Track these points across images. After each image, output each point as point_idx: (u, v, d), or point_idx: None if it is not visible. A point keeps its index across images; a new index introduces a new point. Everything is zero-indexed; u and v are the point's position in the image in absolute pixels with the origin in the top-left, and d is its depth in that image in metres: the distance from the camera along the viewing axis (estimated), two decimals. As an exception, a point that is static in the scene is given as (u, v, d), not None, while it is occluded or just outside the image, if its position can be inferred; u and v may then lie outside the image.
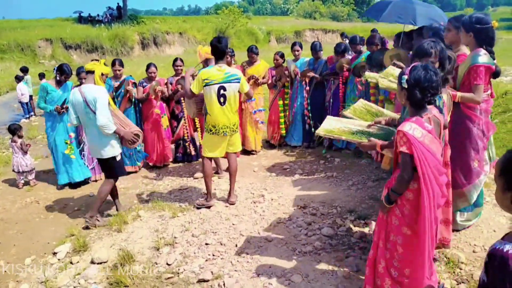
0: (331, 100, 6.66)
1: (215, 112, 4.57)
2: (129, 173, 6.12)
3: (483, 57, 3.38)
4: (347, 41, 7.78)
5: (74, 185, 5.85)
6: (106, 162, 4.56)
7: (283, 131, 7.12)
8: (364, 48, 6.34)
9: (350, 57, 6.49)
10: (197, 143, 6.74)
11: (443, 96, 3.05)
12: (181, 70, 6.46)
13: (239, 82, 4.60)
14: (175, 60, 6.53)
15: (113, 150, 4.50)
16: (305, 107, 6.93)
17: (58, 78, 5.71)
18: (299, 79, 6.84)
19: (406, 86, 2.52)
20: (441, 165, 2.65)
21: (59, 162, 5.76)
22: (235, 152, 5.00)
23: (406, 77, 2.52)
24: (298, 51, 6.93)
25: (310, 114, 6.94)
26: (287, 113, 7.16)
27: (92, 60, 4.54)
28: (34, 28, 27.01)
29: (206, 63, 5.07)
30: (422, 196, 2.52)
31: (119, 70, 6.13)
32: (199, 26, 33.52)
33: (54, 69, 5.93)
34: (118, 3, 33.79)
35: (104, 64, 4.57)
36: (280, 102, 7.05)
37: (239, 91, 4.71)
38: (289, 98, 7.12)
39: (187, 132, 6.55)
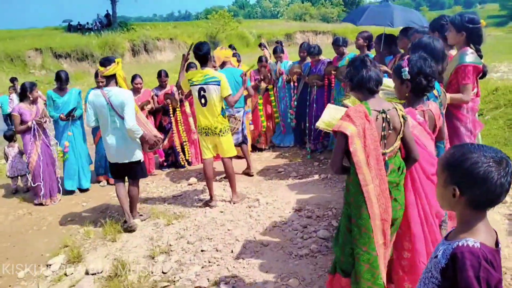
0: (314, 104, 6.67)
1: (198, 112, 4.92)
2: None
3: (470, 56, 3.40)
4: (265, 49, 8.13)
5: (81, 191, 5.99)
6: (130, 165, 4.54)
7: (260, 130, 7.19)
8: (346, 50, 6.39)
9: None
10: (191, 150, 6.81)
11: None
12: (166, 83, 6.54)
13: (218, 84, 4.71)
14: (160, 74, 6.53)
15: (139, 153, 4.57)
16: (292, 106, 7.01)
17: (58, 85, 5.87)
18: (286, 78, 6.91)
19: (409, 77, 2.56)
20: (432, 158, 2.67)
21: (67, 169, 5.84)
22: (228, 157, 5.03)
23: (407, 69, 2.56)
24: (280, 57, 7.15)
25: (294, 113, 7.07)
26: (276, 115, 7.23)
27: (105, 65, 4.24)
28: (23, 38, 26.78)
29: (223, 66, 5.50)
30: (405, 182, 2.60)
31: (102, 82, 5.72)
32: (190, 32, 33.46)
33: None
34: (107, 10, 33.70)
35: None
36: (261, 105, 7.10)
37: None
38: (275, 101, 7.18)
39: (179, 140, 6.55)
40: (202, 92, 4.72)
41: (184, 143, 6.63)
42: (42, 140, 5.52)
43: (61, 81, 5.81)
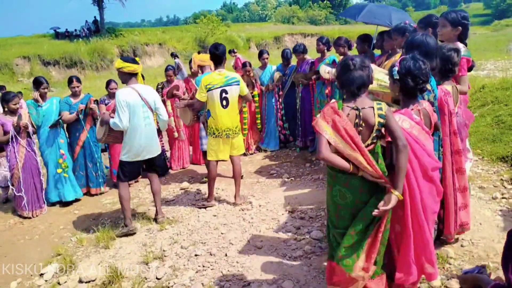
0: (301, 103, 6.77)
1: (219, 115, 4.77)
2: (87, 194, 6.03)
3: (462, 50, 3.48)
4: (177, 59, 8.28)
5: (64, 203, 5.73)
6: (158, 158, 4.68)
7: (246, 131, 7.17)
8: (327, 51, 6.45)
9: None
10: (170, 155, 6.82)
11: (447, 87, 3.15)
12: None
13: (238, 84, 4.81)
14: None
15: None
16: (279, 109, 7.12)
17: (36, 91, 5.61)
18: (271, 87, 7.09)
19: (398, 77, 2.64)
20: (433, 158, 2.71)
21: (50, 180, 5.66)
22: (239, 155, 5.14)
23: (397, 68, 2.64)
24: (266, 58, 7.23)
25: (284, 118, 7.16)
26: (260, 121, 7.30)
27: (134, 61, 4.39)
28: (11, 46, 26.51)
29: (201, 70, 5.40)
30: (409, 184, 2.61)
31: (77, 87, 5.75)
32: (179, 36, 33.43)
33: (32, 88, 5.75)
34: (95, 17, 33.53)
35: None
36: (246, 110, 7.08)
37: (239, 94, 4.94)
38: (259, 106, 7.24)
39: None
40: (224, 94, 4.72)
41: (166, 149, 6.62)
42: (26, 150, 5.33)
43: (40, 84, 5.57)
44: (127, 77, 4.44)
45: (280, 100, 7.13)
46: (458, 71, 3.49)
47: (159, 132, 4.76)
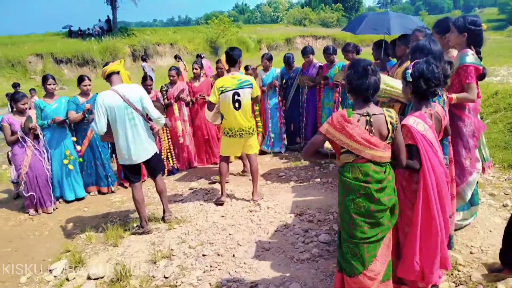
0: (305, 104, 6.77)
1: (231, 117, 4.94)
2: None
3: (470, 57, 3.46)
4: (144, 63, 8.08)
5: (67, 202, 5.81)
6: (152, 159, 4.54)
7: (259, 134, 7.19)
8: (336, 58, 6.44)
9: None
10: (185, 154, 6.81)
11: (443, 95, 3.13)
12: (151, 88, 6.39)
13: (251, 87, 4.91)
14: (145, 79, 6.25)
15: (155, 144, 4.65)
16: (280, 111, 7.14)
17: (45, 90, 5.64)
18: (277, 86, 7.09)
19: (411, 79, 2.66)
20: (442, 163, 2.71)
21: (53, 179, 5.68)
22: (255, 153, 5.23)
23: (410, 71, 2.67)
24: (265, 63, 7.14)
25: (284, 120, 7.20)
26: (262, 123, 7.27)
27: (108, 63, 4.46)
28: (24, 44, 26.87)
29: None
30: (425, 186, 2.60)
31: (89, 85, 5.77)
32: (190, 37, 33.61)
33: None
34: (107, 16, 33.82)
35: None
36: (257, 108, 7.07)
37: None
38: (259, 110, 7.19)
39: (167, 146, 6.58)
40: (236, 96, 4.84)
41: (172, 148, 6.68)
42: (33, 151, 5.35)
43: (47, 80, 5.55)
44: (109, 78, 4.31)
45: (284, 107, 7.14)
46: (464, 78, 3.45)
47: (156, 132, 4.67)
